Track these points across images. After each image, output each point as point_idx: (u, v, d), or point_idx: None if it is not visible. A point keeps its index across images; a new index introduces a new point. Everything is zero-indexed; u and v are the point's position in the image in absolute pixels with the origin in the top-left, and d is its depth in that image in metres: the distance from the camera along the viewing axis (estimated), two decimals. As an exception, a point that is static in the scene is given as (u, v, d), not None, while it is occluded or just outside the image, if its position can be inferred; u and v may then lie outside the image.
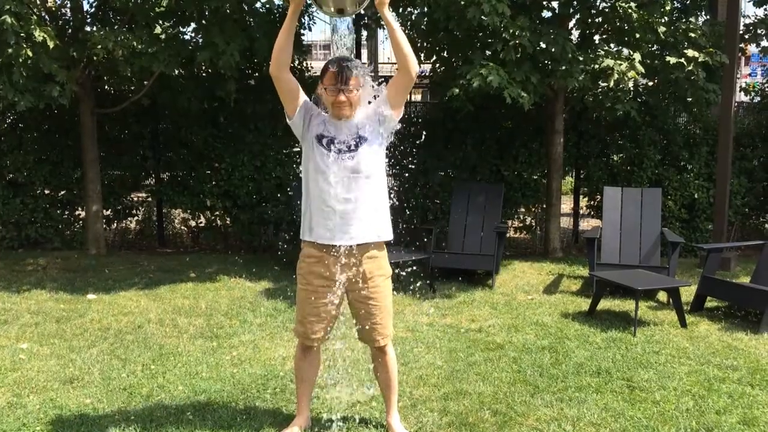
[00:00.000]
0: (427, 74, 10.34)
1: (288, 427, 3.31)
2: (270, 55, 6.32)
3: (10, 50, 5.62)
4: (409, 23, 7.03)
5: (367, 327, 3.17)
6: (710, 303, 5.68)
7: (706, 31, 7.01)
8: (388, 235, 3.17)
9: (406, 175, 8.15)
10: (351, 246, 3.05)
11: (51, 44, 5.79)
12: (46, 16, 6.70)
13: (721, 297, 5.59)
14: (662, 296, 5.93)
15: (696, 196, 7.80)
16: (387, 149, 3.22)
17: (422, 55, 7.32)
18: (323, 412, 3.54)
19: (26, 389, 3.85)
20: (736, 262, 7.13)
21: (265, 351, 4.50)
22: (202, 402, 3.67)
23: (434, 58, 7.32)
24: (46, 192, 7.91)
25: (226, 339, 4.74)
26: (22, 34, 5.67)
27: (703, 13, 8.15)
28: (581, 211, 8.61)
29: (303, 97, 3.14)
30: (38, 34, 5.68)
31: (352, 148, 3.04)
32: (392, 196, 7.97)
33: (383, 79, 3.21)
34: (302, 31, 7.97)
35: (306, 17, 7.94)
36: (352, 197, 3.02)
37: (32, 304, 5.59)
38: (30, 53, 5.68)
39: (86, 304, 5.62)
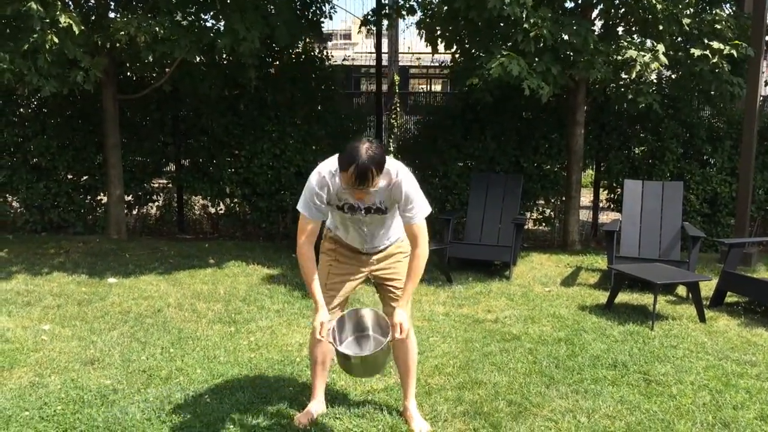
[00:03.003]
0: (447, 64, 10.30)
1: (303, 412, 3.34)
2: (290, 44, 6.31)
3: (35, 36, 5.68)
4: (429, 12, 7.01)
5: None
6: (730, 298, 5.62)
7: (732, 23, 6.90)
8: (402, 237, 3.28)
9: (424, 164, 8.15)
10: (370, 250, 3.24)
11: (76, 30, 5.85)
12: (70, 3, 6.76)
13: (742, 292, 5.53)
14: (681, 291, 5.89)
15: (718, 190, 7.71)
16: (406, 140, 3.25)
17: (442, 44, 7.28)
18: (338, 397, 3.57)
19: (48, 369, 3.92)
20: (757, 257, 7.05)
21: (282, 337, 4.54)
22: (219, 385, 3.72)
23: (454, 48, 7.28)
24: (69, 177, 8.00)
25: (243, 324, 4.79)
26: (47, 20, 5.72)
27: (729, 4, 8.02)
28: (601, 204, 8.55)
29: (321, 213, 3.08)
30: (63, 20, 5.74)
31: (372, 212, 3.09)
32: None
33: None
34: (323, 20, 7.98)
35: (326, 6, 7.94)
36: (369, 232, 3.17)
37: (54, 286, 5.68)
38: (56, 39, 5.74)
39: (107, 287, 5.70)
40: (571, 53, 6.45)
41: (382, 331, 3.05)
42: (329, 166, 3.01)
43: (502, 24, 6.40)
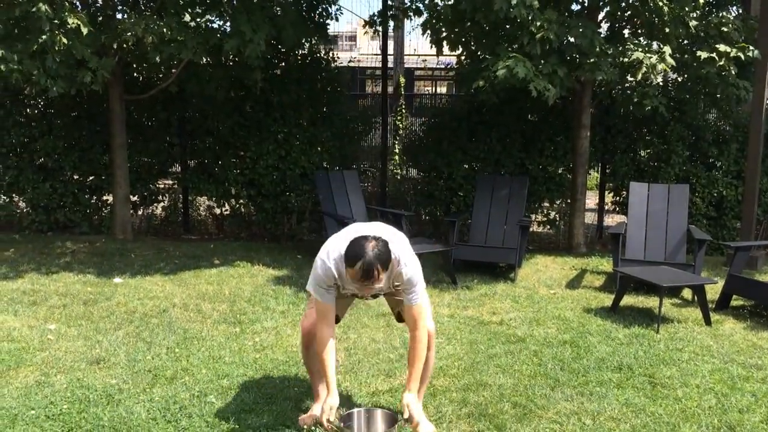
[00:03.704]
0: (452, 66, 10.30)
1: (308, 413, 3.34)
2: (296, 45, 6.24)
3: (44, 37, 5.71)
4: (435, 14, 7.01)
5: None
6: (736, 301, 5.60)
7: (739, 26, 6.89)
8: None
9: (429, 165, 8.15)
10: None
11: (84, 31, 5.87)
12: (78, 4, 6.79)
13: (747, 295, 5.52)
14: (687, 294, 5.87)
15: (724, 193, 7.68)
16: (412, 142, 3.25)
17: (448, 46, 7.29)
18: (343, 399, 3.56)
19: (54, 369, 3.93)
20: (763, 260, 7.03)
21: (287, 338, 4.54)
22: (224, 386, 3.73)
23: (460, 49, 7.28)
24: (75, 177, 8.03)
25: (249, 325, 4.80)
26: (55, 21, 5.75)
27: (736, 7, 8.00)
28: (606, 207, 8.53)
29: (333, 295, 3.08)
30: (71, 21, 5.76)
31: (377, 296, 3.22)
32: (417, 187, 7.90)
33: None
34: (328, 21, 8.00)
35: (332, 7, 7.95)
36: None
37: (60, 286, 5.69)
38: (64, 40, 5.76)
39: (113, 287, 5.71)
40: (577, 55, 6.44)
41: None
42: (334, 253, 2.98)
43: (508, 26, 6.40)
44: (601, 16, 7.14)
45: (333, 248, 3.02)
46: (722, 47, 6.49)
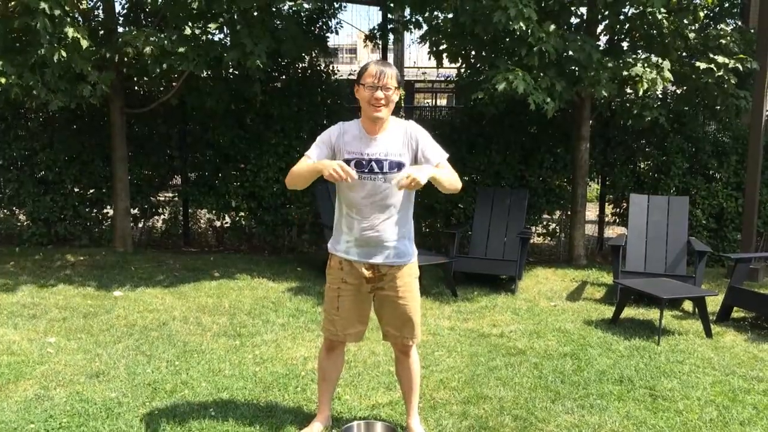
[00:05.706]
0: (452, 79, 10.35)
1: (308, 426, 3.33)
2: (297, 57, 6.12)
3: (42, 50, 5.74)
4: (434, 25, 7.05)
5: (396, 326, 3.18)
6: (737, 313, 5.60)
7: (737, 38, 6.93)
8: (412, 259, 3.21)
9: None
10: (378, 264, 3.11)
11: (84, 44, 5.91)
12: (79, 17, 6.84)
13: (748, 307, 5.51)
14: (688, 306, 5.86)
15: (724, 205, 7.69)
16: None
17: (447, 59, 7.32)
18: (344, 412, 3.56)
19: (53, 382, 3.92)
20: (764, 272, 7.02)
21: (287, 351, 4.53)
22: (224, 399, 3.72)
23: (459, 61, 7.32)
24: (76, 190, 8.05)
25: (248, 338, 4.79)
26: (56, 34, 5.78)
27: (734, 19, 8.06)
28: (606, 219, 8.54)
29: (322, 154, 3.11)
30: (71, 34, 5.80)
31: (385, 170, 2.99)
32: (417, 199, 7.90)
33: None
34: (328, 35, 8.04)
35: (332, 21, 8.01)
36: (380, 224, 3.03)
37: (60, 299, 5.69)
38: (64, 53, 5.79)
39: (113, 300, 5.71)
40: (576, 68, 6.47)
41: None
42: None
43: (507, 39, 6.44)
44: (599, 28, 7.18)
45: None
46: (721, 58, 6.53)
